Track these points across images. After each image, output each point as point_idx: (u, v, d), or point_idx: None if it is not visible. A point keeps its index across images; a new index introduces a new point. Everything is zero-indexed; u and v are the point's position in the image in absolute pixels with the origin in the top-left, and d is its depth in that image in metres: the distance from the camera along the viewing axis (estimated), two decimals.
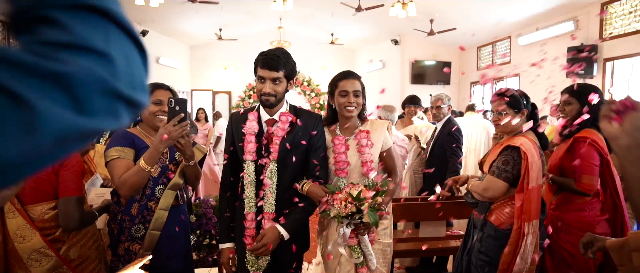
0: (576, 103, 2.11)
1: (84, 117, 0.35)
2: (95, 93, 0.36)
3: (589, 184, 1.98)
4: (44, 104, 0.32)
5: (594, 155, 1.99)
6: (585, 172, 1.98)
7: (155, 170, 1.66)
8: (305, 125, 1.73)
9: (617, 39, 5.70)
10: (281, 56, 1.63)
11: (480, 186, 1.98)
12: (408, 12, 6.44)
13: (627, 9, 5.58)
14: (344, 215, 1.59)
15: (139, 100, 0.42)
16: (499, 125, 2.03)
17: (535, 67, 7.32)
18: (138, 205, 1.66)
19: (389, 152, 1.93)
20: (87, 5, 0.37)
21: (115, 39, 0.38)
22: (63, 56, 0.34)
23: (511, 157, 1.89)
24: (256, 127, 1.70)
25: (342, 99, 1.81)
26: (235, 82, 10.88)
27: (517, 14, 7.07)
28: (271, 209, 1.68)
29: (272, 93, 1.64)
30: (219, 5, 7.18)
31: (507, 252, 1.87)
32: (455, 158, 3.05)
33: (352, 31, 9.76)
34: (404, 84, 9.71)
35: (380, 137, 1.89)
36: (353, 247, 1.76)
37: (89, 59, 0.35)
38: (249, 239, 1.70)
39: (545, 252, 2.09)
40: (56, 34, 0.35)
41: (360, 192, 1.58)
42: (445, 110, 3.26)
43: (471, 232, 2.14)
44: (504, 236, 1.91)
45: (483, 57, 9.28)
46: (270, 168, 1.68)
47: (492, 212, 1.98)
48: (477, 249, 2.01)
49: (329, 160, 1.84)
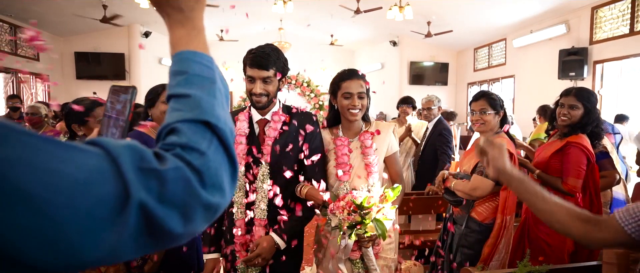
0: (581, 107, 2.18)
1: (162, 206, 0.43)
2: (178, 188, 0.44)
3: (574, 186, 2.10)
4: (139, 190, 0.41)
5: (583, 159, 2.10)
6: (572, 175, 2.10)
7: None
8: (300, 125, 1.63)
9: (607, 42, 5.87)
10: (271, 53, 1.52)
11: (468, 186, 2.08)
12: (405, 15, 6.62)
13: (615, 13, 5.76)
14: (348, 226, 1.43)
15: (215, 204, 0.48)
16: (478, 124, 2.18)
17: (530, 69, 7.51)
18: None
19: (394, 156, 1.80)
20: (203, 120, 0.51)
21: (215, 147, 0.51)
22: (170, 156, 0.46)
23: None
24: (246, 128, 1.61)
25: (346, 101, 1.68)
26: (236, 82, 11.00)
27: (512, 17, 7.24)
28: (263, 215, 1.58)
29: (264, 93, 1.53)
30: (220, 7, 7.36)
31: (490, 244, 2.04)
32: (445, 156, 3.24)
33: (352, 32, 9.90)
34: (403, 84, 9.87)
35: (385, 140, 1.76)
36: (355, 261, 1.62)
37: (191, 156, 0.47)
38: (238, 246, 1.60)
39: (525, 240, 2.28)
40: (175, 138, 0.49)
41: (365, 200, 1.42)
42: (436, 112, 3.45)
43: (448, 228, 2.29)
44: (486, 229, 2.08)
45: (479, 58, 9.45)
46: (262, 172, 1.57)
47: (475, 208, 2.14)
48: (460, 244, 2.17)
49: (330, 163, 1.73)
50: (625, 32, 5.57)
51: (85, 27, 8.02)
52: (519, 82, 7.97)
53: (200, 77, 0.55)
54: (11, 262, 0.36)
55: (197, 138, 0.49)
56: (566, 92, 2.29)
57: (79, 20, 7.56)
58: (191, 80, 0.54)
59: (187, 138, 0.49)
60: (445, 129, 3.34)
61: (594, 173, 2.21)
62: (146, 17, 7.97)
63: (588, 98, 2.20)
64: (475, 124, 2.20)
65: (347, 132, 1.77)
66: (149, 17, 7.96)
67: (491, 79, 8.96)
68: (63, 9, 6.98)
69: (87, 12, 7.13)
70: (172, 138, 0.49)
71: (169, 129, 0.51)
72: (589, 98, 2.20)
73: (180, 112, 0.51)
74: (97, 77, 8.60)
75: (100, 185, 0.40)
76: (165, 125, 0.51)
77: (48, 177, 0.37)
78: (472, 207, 2.15)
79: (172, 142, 0.48)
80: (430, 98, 3.49)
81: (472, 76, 9.64)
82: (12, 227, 0.35)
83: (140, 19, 8.18)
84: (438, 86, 9.93)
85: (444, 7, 7.19)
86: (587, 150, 2.12)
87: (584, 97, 2.21)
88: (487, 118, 2.13)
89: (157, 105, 1.88)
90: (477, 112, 2.17)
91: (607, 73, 6.04)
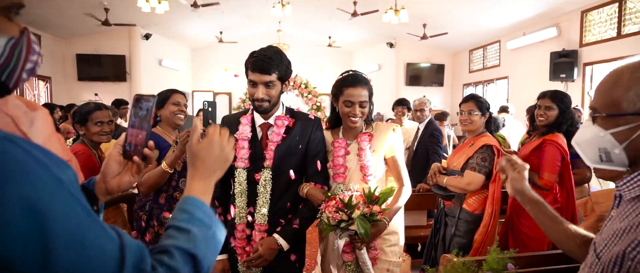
0: (556, 108, 2.41)
1: None
2: None
3: (549, 181, 2.31)
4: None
5: (557, 156, 2.30)
6: (547, 170, 2.30)
7: (179, 165, 2.01)
8: (303, 129, 1.60)
9: (596, 45, 6.04)
10: (273, 57, 1.48)
11: (463, 182, 2.27)
12: (400, 18, 6.78)
13: (603, 17, 5.94)
14: (334, 224, 1.42)
15: None
16: (466, 124, 2.38)
17: (523, 70, 7.68)
18: (165, 195, 2.02)
19: (395, 158, 1.76)
20: (193, 253, 0.65)
21: (192, 266, 0.65)
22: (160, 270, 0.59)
23: (487, 154, 2.26)
24: (249, 132, 1.58)
25: (347, 108, 1.65)
26: (235, 84, 11.17)
27: (506, 20, 7.40)
28: (263, 220, 1.55)
29: (266, 98, 1.50)
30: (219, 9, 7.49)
31: (481, 232, 2.23)
32: (436, 156, 3.40)
33: (349, 34, 10.04)
34: (399, 85, 10.03)
35: (383, 141, 1.73)
36: (347, 263, 1.60)
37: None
38: (239, 250, 1.60)
39: (508, 230, 2.45)
40: (167, 259, 0.61)
41: (351, 198, 1.42)
42: (427, 113, 3.61)
43: (442, 220, 2.47)
44: (477, 219, 2.28)
45: (475, 59, 9.61)
46: (264, 176, 1.55)
47: (466, 200, 2.33)
48: (454, 234, 2.35)
49: (328, 164, 1.72)
50: (613, 35, 5.74)
51: (86, 29, 8.15)
52: (513, 83, 8.13)
53: (201, 222, 0.70)
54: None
55: (183, 266, 0.63)
56: (542, 94, 2.50)
57: (81, 23, 7.69)
58: (193, 221, 0.69)
59: (175, 262, 0.62)
60: (436, 129, 3.50)
61: (569, 169, 2.39)
62: (147, 20, 8.11)
63: (562, 99, 2.41)
64: (463, 123, 2.40)
65: (347, 134, 1.75)
66: (150, 20, 8.09)
67: (486, 80, 9.12)
68: (65, 12, 7.11)
69: (89, 15, 7.26)
70: (164, 257, 0.62)
71: (164, 250, 0.63)
72: (562, 99, 2.40)
73: (177, 241, 0.65)
74: (98, 78, 8.74)
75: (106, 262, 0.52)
76: (162, 247, 0.64)
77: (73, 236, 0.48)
78: (463, 200, 2.34)
79: (163, 261, 0.61)
80: (422, 100, 3.65)
81: (467, 77, 9.80)
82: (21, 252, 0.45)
83: (141, 22, 8.31)
84: (434, 87, 10.11)
85: (439, 10, 7.35)
86: (562, 147, 2.31)
87: (558, 98, 2.42)
88: (474, 118, 2.34)
89: (166, 107, 2.10)
90: (465, 113, 2.38)
91: (596, 75, 6.20)
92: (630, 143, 0.84)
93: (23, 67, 0.62)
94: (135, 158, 0.81)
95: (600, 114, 0.88)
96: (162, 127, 2.12)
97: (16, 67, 0.60)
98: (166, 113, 2.09)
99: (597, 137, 0.88)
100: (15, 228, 0.44)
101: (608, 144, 0.87)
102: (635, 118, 0.83)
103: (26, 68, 0.63)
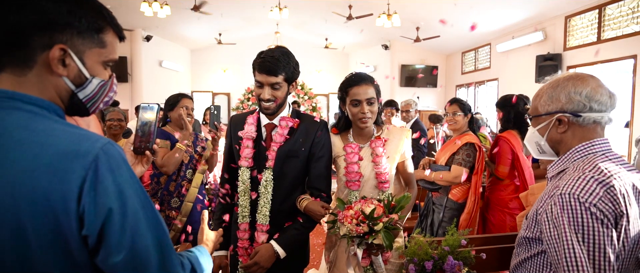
0: (501, 111, 2.76)
1: None
2: None
3: (502, 172, 2.65)
4: None
5: (508, 150, 2.63)
6: (501, 162, 2.65)
7: (186, 158, 2.30)
8: (307, 131, 1.58)
9: (578, 49, 6.33)
10: (281, 58, 1.47)
11: (451, 175, 2.58)
12: (393, 22, 7.05)
13: (585, 22, 6.22)
14: (356, 236, 1.36)
15: None
16: (450, 123, 2.71)
17: (511, 73, 7.96)
18: (174, 184, 2.31)
19: (406, 163, 1.76)
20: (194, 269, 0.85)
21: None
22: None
23: (471, 150, 2.58)
24: (254, 132, 1.58)
25: (355, 108, 1.62)
26: (234, 84, 11.40)
27: (495, 23, 7.68)
28: (265, 221, 1.54)
29: (271, 99, 1.50)
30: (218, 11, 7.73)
31: (465, 217, 2.57)
32: (420, 154, 3.68)
33: (345, 36, 10.27)
34: (394, 86, 10.30)
35: (398, 146, 1.70)
36: (366, 268, 1.57)
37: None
38: (241, 250, 1.60)
39: (481, 220, 2.79)
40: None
41: (374, 210, 1.34)
42: (413, 113, 3.89)
43: (430, 208, 2.80)
44: (461, 207, 2.62)
45: (467, 61, 9.90)
46: (266, 177, 1.54)
47: (451, 191, 2.67)
48: (441, 219, 2.68)
49: (340, 170, 1.69)
50: (594, 39, 6.03)
51: None
52: (503, 84, 8.41)
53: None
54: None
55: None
56: (496, 103, 2.85)
57: None
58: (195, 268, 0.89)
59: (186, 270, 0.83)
60: (421, 129, 3.78)
61: (521, 162, 2.66)
62: (148, 22, 8.33)
63: (503, 105, 2.75)
64: (449, 123, 2.74)
65: (357, 138, 1.71)
66: (151, 23, 8.31)
67: (477, 81, 9.40)
68: None
69: None
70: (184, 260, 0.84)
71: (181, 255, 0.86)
72: (503, 105, 2.75)
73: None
74: None
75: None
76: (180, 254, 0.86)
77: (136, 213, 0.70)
78: (449, 190, 2.67)
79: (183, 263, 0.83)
80: (409, 101, 3.93)
81: (460, 79, 10.08)
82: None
83: (141, 24, 8.53)
84: (428, 88, 10.39)
85: (432, 14, 7.61)
86: (510, 143, 2.63)
87: (500, 104, 2.78)
88: (457, 119, 2.68)
89: (176, 110, 2.38)
90: (450, 114, 2.73)
91: None
92: (548, 136, 1.17)
93: (102, 100, 0.82)
94: (147, 153, 1.05)
95: (530, 117, 1.22)
96: (172, 126, 2.43)
97: (99, 100, 0.80)
98: (175, 115, 2.38)
99: (532, 134, 1.21)
100: (113, 204, 0.67)
101: (538, 139, 1.19)
102: (547, 117, 1.15)
103: (104, 101, 0.83)
